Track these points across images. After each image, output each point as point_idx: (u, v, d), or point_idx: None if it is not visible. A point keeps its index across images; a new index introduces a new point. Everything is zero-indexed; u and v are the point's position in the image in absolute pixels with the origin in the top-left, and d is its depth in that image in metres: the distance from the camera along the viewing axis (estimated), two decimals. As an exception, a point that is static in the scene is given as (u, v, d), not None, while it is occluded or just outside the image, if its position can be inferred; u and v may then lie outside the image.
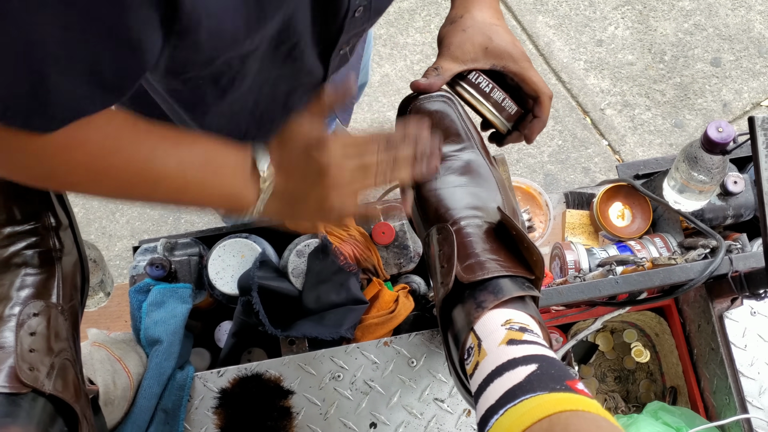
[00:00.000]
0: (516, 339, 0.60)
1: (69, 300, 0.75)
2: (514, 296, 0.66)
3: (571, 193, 1.32)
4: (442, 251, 0.72)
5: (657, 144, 2.36)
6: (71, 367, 0.72)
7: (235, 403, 0.93)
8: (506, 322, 0.63)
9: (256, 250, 1.09)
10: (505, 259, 0.70)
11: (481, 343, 0.63)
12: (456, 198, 0.77)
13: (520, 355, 0.58)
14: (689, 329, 1.14)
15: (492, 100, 0.84)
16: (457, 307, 0.69)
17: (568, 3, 2.49)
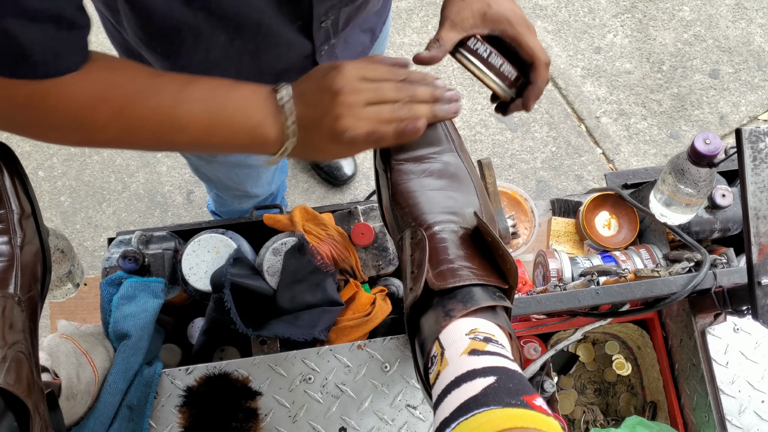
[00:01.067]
0: (478, 349, 0.58)
1: (27, 291, 0.73)
2: (483, 306, 0.63)
3: (558, 201, 1.30)
4: (414, 256, 0.70)
5: (652, 154, 2.34)
6: (25, 360, 0.70)
7: (200, 402, 0.91)
8: (471, 332, 0.61)
9: (231, 246, 1.07)
10: (478, 267, 0.68)
11: (444, 352, 0.60)
12: (432, 201, 0.74)
13: (479, 367, 0.55)
14: (671, 343, 1.12)
15: (490, 66, 0.83)
16: (426, 314, 0.67)
17: (568, 9, 2.47)
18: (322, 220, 1.10)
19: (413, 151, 0.78)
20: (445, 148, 0.78)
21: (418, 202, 0.75)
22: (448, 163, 0.78)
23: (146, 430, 0.94)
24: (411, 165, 0.77)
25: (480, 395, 0.52)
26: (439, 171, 0.77)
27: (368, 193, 2.26)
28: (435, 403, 0.58)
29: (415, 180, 0.77)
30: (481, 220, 0.70)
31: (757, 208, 0.83)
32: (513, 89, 0.86)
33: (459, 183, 0.77)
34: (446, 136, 0.79)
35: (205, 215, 2.23)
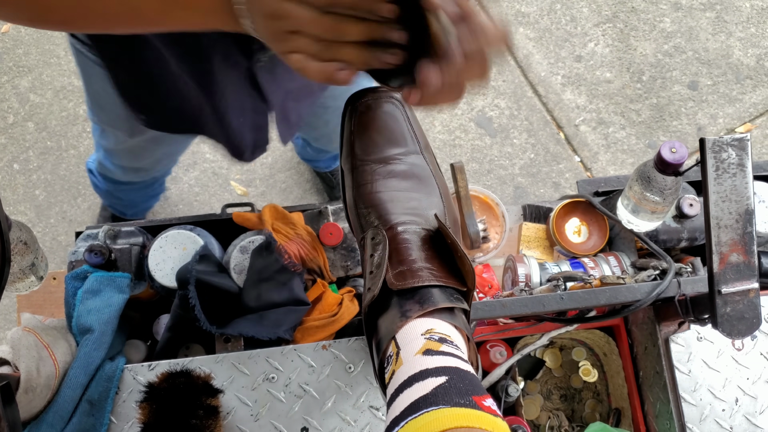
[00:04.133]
0: (433, 349, 0.58)
1: (-17, 284, 0.72)
2: (441, 307, 0.64)
3: (530, 206, 1.31)
4: (374, 255, 0.70)
5: (629, 163, 2.35)
6: (-21, 351, 0.69)
7: (160, 398, 0.90)
8: (427, 332, 0.61)
9: (198, 243, 1.07)
10: (438, 269, 0.68)
11: (399, 351, 0.60)
12: (395, 202, 0.75)
13: (432, 366, 0.56)
14: (636, 351, 1.12)
15: None
16: (383, 314, 0.67)
17: (550, 17, 2.49)
18: (291, 219, 1.10)
19: (378, 152, 0.78)
20: (410, 149, 0.78)
21: (381, 202, 0.75)
22: (414, 165, 0.78)
23: (107, 425, 0.93)
24: (375, 166, 0.77)
25: (430, 395, 0.52)
26: (404, 172, 0.77)
27: (346, 195, 2.26)
28: (388, 402, 0.58)
29: (379, 181, 0.77)
30: (442, 223, 0.70)
31: (718, 218, 0.84)
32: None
33: (423, 185, 0.77)
34: (412, 137, 0.79)
35: (179, 212, 2.22)
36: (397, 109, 0.79)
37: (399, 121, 0.79)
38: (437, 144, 2.29)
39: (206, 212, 2.22)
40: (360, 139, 0.78)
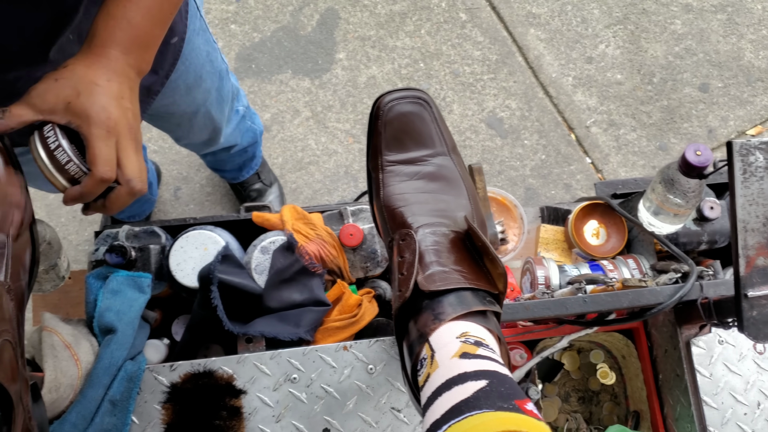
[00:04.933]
0: (469, 353, 0.58)
1: (16, 279, 0.72)
2: (474, 310, 0.63)
3: (547, 208, 1.31)
4: (404, 258, 0.69)
5: (640, 165, 2.35)
6: (11, 349, 0.69)
7: (184, 399, 0.90)
8: (462, 335, 0.61)
9: (219, 243, 1.07)
10: (468, 271, 0.68)
11: (434, 354, 0.60)
12: (423, 204, 0.74)
13: (471, 370, 0.55)
14: (656, 353, 1.12)
15: (54, 159, 0.72)
16: (415, 317, 0.66)
17: (561, 18, 2.48)
18: (311, 219, 1.10)
19: (405, 153, 0.78)
20: (438, 150, 0.78)
21: (409, 204, 0.75)
22: (441, 166, 0.77)
23: (129, 425, 0.93)
24: (402, 167, 0.77)
25: (472, 398, 0.52)
26: (431, 174, 0.77)
27: (355, 195, 2.26)
28: (425, 405, 0.57)
29: (406, 182, 0.76)
30: (472, 225, 0.70)
31: (745, 221, 0.84)
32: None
33: (451, 186, 0.77)
34: (439, 138, 0.79)
35: (190, 211, 2.22)
36: (424, 110, 0.79)
37: (426, 122, 0.78)
38: (448, 145, 2.28)
39: (217, 212, 2.23)
40: (387, 141, 0.78)
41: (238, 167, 1.98)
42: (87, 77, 0.73)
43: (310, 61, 2.38)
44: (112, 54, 0.75)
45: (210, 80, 1.25)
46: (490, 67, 2.41)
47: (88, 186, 0.73)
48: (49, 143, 0.72)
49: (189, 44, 1.11)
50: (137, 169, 0.75)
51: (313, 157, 2.30)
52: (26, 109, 0.71)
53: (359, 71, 2.37)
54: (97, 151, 0.72)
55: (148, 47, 0.79)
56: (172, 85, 1.13)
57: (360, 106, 2.33)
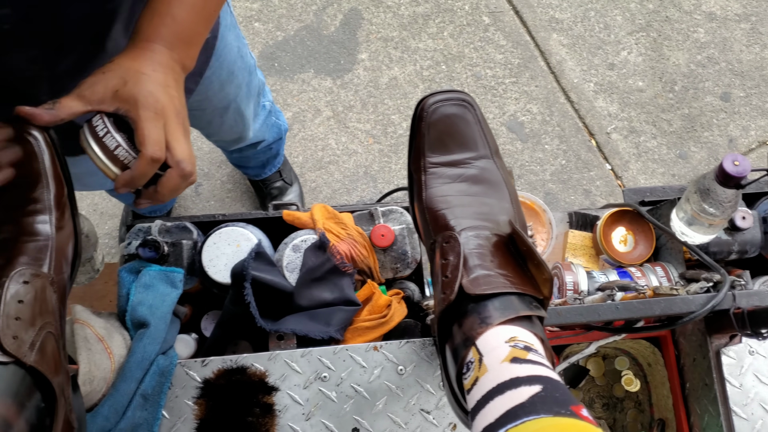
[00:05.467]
0: (520, 357, 0.58)
1: (59, 272, 0.73)
2: (521, 315, 0.63)
3: (575, 213, 1.30)
4: (447, 261, 0.70)
5: (660, 173, 2.34)
6: (54, 341, 0.69)
7: (217, 394, 0.91)
8: (510, 339, 0.61)
9: (252, 240, 1.07)
10: (513, 275, 0.68)
11: (482, 358, 0.60)
12: (467, 207, 0.74)
13: (523, 375, 0.55)
14: (683, 362, 1.12)
15: (104, 146, 0.73)
16: (460, 320, 0.66)
17: (584, 24, 2.48)
18: (342, 219, 1.10)
19: (448, 155, 0.78)
20: (481, 153, 0.78)
21: (451, 206, 0.75)
22: (484, 169, 0.78)
23: (159, 419, 0.94)
24: (445, 169, 0.77)
25: (527, 403, 0.52)
26: (474, 177, 0.77)
27: (374, 195, 2.26)
28: (473, 408, 0.58)
29: (449, 184, 0.76)
30: (517, 229, 0.70)
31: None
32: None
33: (494, 190, 0.77)
34: (483, 141, 0.79)
35: (210, 208, 2.22)
36: (468, 112, 0.79)
37: (470, 124, 0.78)
38: (468, 148, 2.28)
39: (237, 209, 2.23)
40: (430, 142, 0.78)
41: (261, 164, 1.98)
42: (133, 68, 0.74)
43: (332, 60, 2.39)
44: (157, 48, 0.76)
45: (241, 75, 1.26)
46: (512, 70, 2.40)
47: (139, 168, 0.73)
48: (98, 131, 0.73)
49: (222, 40, 1.12)
50: (187, 152, 0.75)
51: (333, 156, 2.30)
52: (76, 101, 0.72)
53: (381, 72, 2.38)
54: (146, 132, 0.72)
55: (192, 44, 0.80)
56: (206, 81, 1.13)
57: (381, 106, 2.34)
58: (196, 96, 1.16)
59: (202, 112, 1.29)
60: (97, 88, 0.72)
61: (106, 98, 0.72)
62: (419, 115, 0.79)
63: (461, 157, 0.77)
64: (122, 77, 0.73)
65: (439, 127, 0.77)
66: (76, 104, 0.72)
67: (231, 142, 1.61)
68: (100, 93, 0.72)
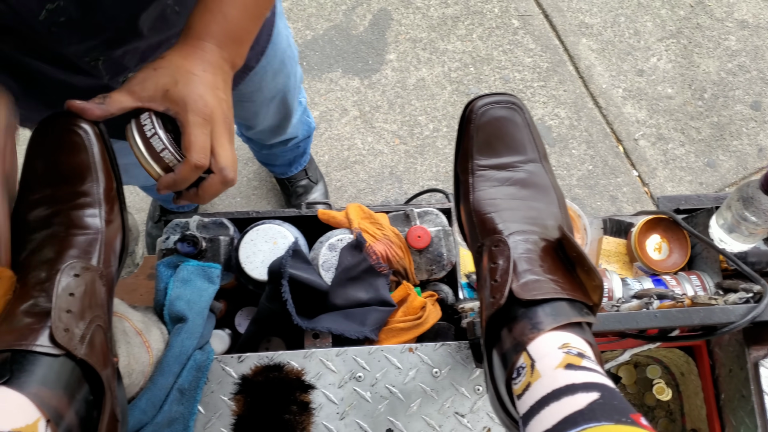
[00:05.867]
0: (574, 364, 0.58)
1: (108, 265, 0.73)
2: (573, 321, 0.63)
3: (610, 220, 1.30)
4: (496, 265, 0.69)
5: (687, 181, 2.33)
6: (103, 334, 0.70)
7: (255, 391, 0.91)
8: (563, 346, 0.60)
9: (288, 238, 1.07)
10: (563, 281, 0.67)
11: (534, 363, 0.60)
12: (515, 211, 0.74)
13: (579, 382, 0.55)
14: (718, 372, 1.11)
15: (150, 146, 0.74)
16: (509, 325, 0.66)
17: (613, 29, 2.47)
18: (377, 219, 1.10)
19: (497, 158, 0.78)
20: (530, 157, 0.78)
21: (499, 210, 0.75)
22: (532, 173, 0.77)
23: (195, 414, 0.94)
24: (494, 172, 0.77)
25: (586, 410, 0.52)
26: (523, 180, 0.77)
27: (399, 196, 2.26)
28: (526, 413, 0.57)
29: (497, 188, 0.76)
30: (567, 234, 0.70)
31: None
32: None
33: (542, 194, 0.76)
34: (532, 144, 0.78)
35: (236, 205, 2.23)
36: (517, 115, 0.78)
37: (519, 127, 0.78)
38: (495, 151, 2.28)
39: (263, 206, 2.24)
40: (479, 145, 0.78)
41: (288, 162, 1.98)
42: (184, 67, 0.74)
43: (360, 60, 2.39)
44: (207, 46, 0.76)
45: (290, 65, 1.26)
46: (540, 74, 2.40)
47: (182, 173, 0.74)
48: (145, 131, 0.73)
49: (275, 28, 1.12)
50: (230, 159, 0.75)
51: (359, 156, 2.30)
52: (126, 96, 0.73)
53: (409, 73, 2.38)
54: (193, 138, 0.73)
55: (242, 42, 0.80)
56: (261, 71, 1.14)
57: (408, 107, 2.33)
58: (251, 86, 1.17)
59: (252, 103, 1.30)
60: (147, 84, 0.73)
61: (156, 97, 0.73)
62: (468, 117, 0.79)
63: (510, 161, 0.77)
64: (173, 76, 0.73)
65: (487, 129, 0.77)
66: (126, 99, 0.73)
67: (270, 134, 1.61)
68: (150, 90, 0.73)
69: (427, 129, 2.32)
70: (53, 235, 0.71)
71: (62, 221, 0.72)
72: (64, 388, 0.63)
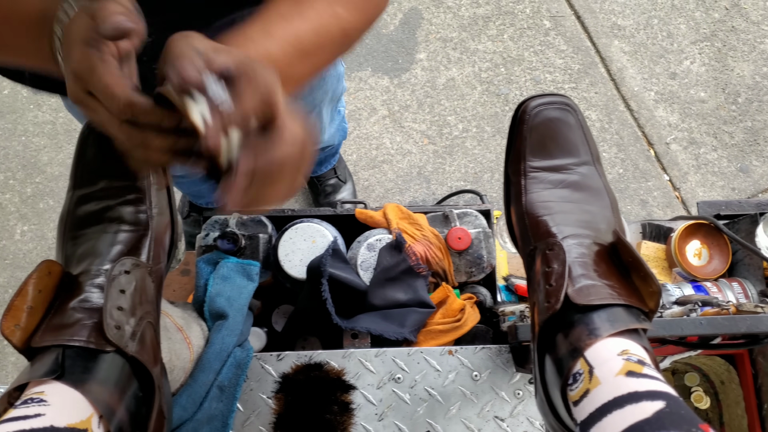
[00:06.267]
0: (635, 371, 0.57)
1: (157, 261, 0.73)
2: (631, 328, 0.62)
3: (649, 224, 1.28)
4: (551, 269, 0.68)
5: (719, 186, 2.30)
6: (152, 331, 0.70)
7: (296, 390, 0.90)
8: (623, 352, 0.59)
9: (327, 237, 1.07)
10: (618, 286, 0.66)
11: (592, 370, 0.59)
12: (568, 214, 0.73)
13: (642, 390, 0.54)
14: (761, 382, 1.09)
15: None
16: (564, 331, 0.65)
17: (646, 31, 2.44)
18: (416, 220, 1.09)
19: (550, 160, 0.77)
20: (583, 159, 0.77)
21: (553, 213, 0.73)
22: (586, 176, 0.76)
23: (234, 412, 0.94)
24: (547, 174, 0.76)
25: (653, 419, 0.50)
26: (576, 183, 0.75)
27: (427, 196, 2.25)
28: (585, 420, 0.56)
29: (550, 190, 0.75)
30: (623, 239, 0.69)
31: None
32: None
33: (595, 197, 0.75)
34: (585, 147, 0.77)
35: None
36: (571, 116, 0.77)
37: (573, 129, 0.77)
38: (525, 152, 2.26)
39: (290, 204, 2.23)
40: (532, 146, 0.77)
41: (318, 162, 1.98)
42: None
43: (390, 59, 2.38)
44: None
45: (330, 81, 1.25)
46: (571, 76, 2.38)
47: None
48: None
49: None
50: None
51: (387, 155, 2.29)
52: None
53: (439, 72, 2.37)
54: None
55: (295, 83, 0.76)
56: None
57: (437, 107, 2.32)
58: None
59: None
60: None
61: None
62: (520, 117, 0.78)
63: (563, 163, 0.76)
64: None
65: (541, 130, 0.76)
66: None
67: None
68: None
69: (456, 129, 2.30)
70: (103, 230, 0.71)
71: (113, 217, 0.72)
72: (116, 385, 0.63)
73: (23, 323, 0.64)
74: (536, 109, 0.77)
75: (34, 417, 0.56)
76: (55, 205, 2.24)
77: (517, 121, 0.78)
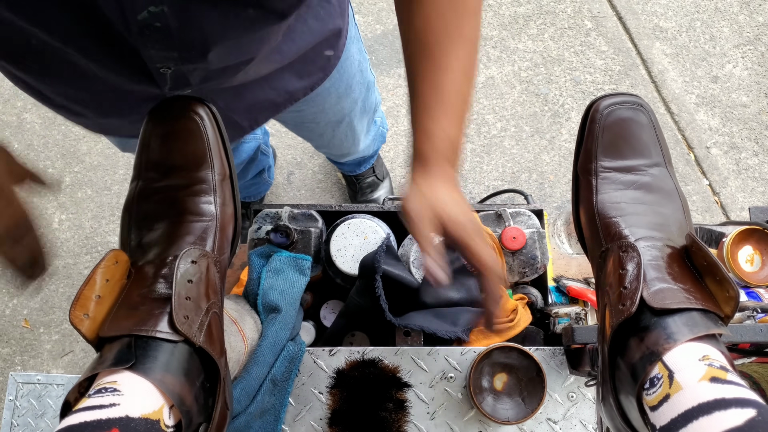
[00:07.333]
0: (719, 378, 0.55)
1: (222, 252, 0.73)
2: (710, 333, 0.61)
3: (700, 229, 1.26)
4: (625, 271, 0.67)
5: (760, 192, 2.26)
6: (218, 321, 0.69)
7: (351, 386, 0.90)
8: (704, 358, 0.58)
9: (380, 233, 1.06)
10: (694, 290, 0.65)
11: (672, 374, 0.58)
12: (640, 216, 0.72)
13: (730, 397, 0.53)
14: (816, 392, 1.07)
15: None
16: (640, 334, 0.64)
17: (689, 33, 2.41)
18: (469, 218, 1.08)
19: (622, 161, 0.75)
20: (655, 160, 0.75)
21: (625, 214, 0.72)
22: (658, 177, 0.75)
23: (286, 406, 0.93)
24: (618, 174, 0.75)
25: (745, 428, 0.49)
26: (648, 184, 0.74)
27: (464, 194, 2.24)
28: (666, 425, 0.55)
29: (622, 191, 0.74)
30: (699, 242, 0.67)
31: None
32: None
33: (667, 200, 0.74)
34: (657, 148, 0.76)
35: (301, 197, 2.23)
36: (643, 116, 0.76)
37: (646, 130, 0.76)
38: (563, 152, 2.25)
39: (327, 200, 2.23)
40: (604, 146, 0.76)
41: (357, 162, 1.97)
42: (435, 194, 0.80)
43: (429, 56, 2.36)
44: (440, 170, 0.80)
45: (358, 90, 1.24)
46: (612, 77, 2.35)
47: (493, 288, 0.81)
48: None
49: (345, 52, 1.10)
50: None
51: (424, 153, 2.28)
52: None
53: (478, 71, 2.35)
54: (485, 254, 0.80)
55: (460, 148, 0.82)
56: (324, 93, 1.11)
57: (476, 105, 2.31)
58: (312, 107, 1.15)
59: (316, 125, 1.29)
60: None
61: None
62: (591, 116, 0.76)
63: (635, 163, 0.75)
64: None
65: (613, 130, 0.75)
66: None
67: (339, 155, 1.62)
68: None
69: (495, 128, 2.29)
70: (169, 221, 0.71)
71: (178, 208, 0.72)
72: (186, 375, 0.62)
73: (92, 312, 0.64)
74: (608, 108, 0.75)
75: (110, 407, 0.55)
76: (93, 194, 2.25)
77: (587, 119, 0.77)
